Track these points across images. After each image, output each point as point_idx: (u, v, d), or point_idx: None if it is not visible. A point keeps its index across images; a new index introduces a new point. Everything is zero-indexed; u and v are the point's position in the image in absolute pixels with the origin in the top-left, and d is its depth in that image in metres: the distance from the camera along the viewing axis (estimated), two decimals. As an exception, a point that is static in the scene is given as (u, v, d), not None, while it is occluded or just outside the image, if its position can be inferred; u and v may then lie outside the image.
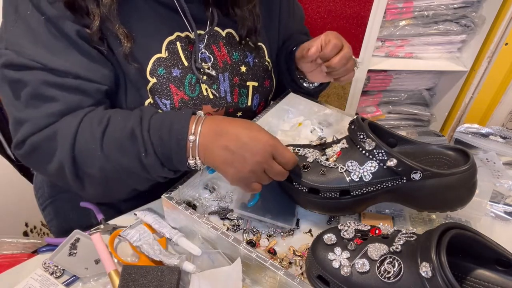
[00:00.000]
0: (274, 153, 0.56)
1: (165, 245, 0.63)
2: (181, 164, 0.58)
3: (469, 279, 0.52)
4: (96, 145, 0.56)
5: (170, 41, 0.68)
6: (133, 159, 0.56)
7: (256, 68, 0.80)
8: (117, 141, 0.57)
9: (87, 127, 0.58)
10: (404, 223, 0.67)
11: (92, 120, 0.58)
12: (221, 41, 0.75)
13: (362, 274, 0.50)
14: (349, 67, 0.74)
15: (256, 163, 0.54)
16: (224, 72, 0.75)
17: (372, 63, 1.48)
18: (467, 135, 0.87)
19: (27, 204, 1.16)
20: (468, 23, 1.44)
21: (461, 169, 0.58)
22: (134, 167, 0.57)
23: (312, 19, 1.32)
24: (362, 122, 0.62)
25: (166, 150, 0.56)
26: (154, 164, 0.57)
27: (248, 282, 0.58)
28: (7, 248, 0.73)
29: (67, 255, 0.60)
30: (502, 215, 0.71)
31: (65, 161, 0.57)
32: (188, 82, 0.70)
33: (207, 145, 0.56)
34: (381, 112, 1.69)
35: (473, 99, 1.59)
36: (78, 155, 0.57)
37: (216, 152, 0.56)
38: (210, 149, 0.56)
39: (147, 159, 0.56)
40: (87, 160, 0.58)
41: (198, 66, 0.70)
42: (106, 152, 0.57)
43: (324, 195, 0.61)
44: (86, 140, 0.57)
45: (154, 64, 0.66)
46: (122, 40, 0.61)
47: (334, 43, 0.70)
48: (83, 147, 0.57)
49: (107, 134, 0.57)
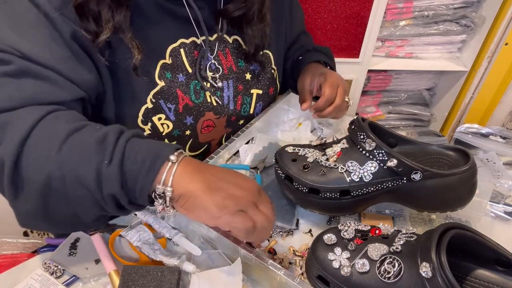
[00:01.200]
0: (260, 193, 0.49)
1: (165, 245, 0.63)
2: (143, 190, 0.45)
3: (469, 279, 0.52)
4: (53, 145, 0.45)
5: (173, 48, 0.67)
6: (91, 167, 0.44)
7: (261, 76, 0.80)
8: (82, 145, 0.46)
9: (50, 124, 0.47)
10: (404, 223, 0.67)
11: (59, 118, 0.49)
12: (227, 48, 0.75)
13: (362, 274, 0.50)
14: (340, 113, 0.81)
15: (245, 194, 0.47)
16: (229, 79, 0.75)
17: (372, 63, 1.48)
18: (467, 135, 0.87)
19: (27, 204, 1.16)
20: (468, 23, 1.44)
21: (461, 169, 0.58)
22: (88, 178, 0.44)
23: (312, 19, 1.32)
24: (362, 122, 0.62)
25: (134, 167, 0.45)
26: (112, 178, 0.44)
27: (248, 282, 0.58)
28: (7, 248, 0.72)
29: (67, 255, 0.60)
30: (502, 215, 0.71)
31: (7, 157, 0.44)
32: (193, 87, 0.69)
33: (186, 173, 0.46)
34: (381, 112, 1.69)
35: (473, 99, 1.59)
36: (26, 153, 0.45)
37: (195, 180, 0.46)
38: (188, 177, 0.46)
39: (108, 168, 0.44)
40: (34, 162, 0.45)
41: (203, 74, 0.70)
42: (62, 156, 0.45)
43: (324, 195, 0.61)
44: (43, 137, 0.46)
45: (161, 68, 0.66)
46: (133, 52, 0.59)
47: (327, 98, 0.76)
48: (35, 144, 0.45)
49: (75, 136, 0.46)
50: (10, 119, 0.46)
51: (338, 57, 1.42)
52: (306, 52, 0.90)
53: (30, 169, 0.45)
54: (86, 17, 0.56)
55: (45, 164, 0.45)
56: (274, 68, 0.83)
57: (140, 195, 0.45)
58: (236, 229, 0.46)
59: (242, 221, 0.46)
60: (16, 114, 0.47)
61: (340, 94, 0.77)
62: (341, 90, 0.78)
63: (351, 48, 1.41)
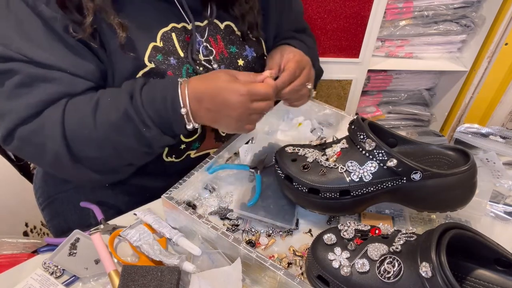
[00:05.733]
0: (250, 98, 0.59)
1: (165, 245, 0.63)
2: (181, 130, 0.62)
3: (469, 279, 0.52)
4: (89, 129, 0.59)
5: (165, 32, 0.67)
6: (132, 137, 0.60)
7: (254, 62, 0.79)
8: (113, 124, 0.59)
9: (73, 113, 0.59)
10: (404, 223, 0.67)
11: (78, 106, 0.60)
12: (218, 34, 0.74)
13: (362, 274, 0.50)
14: (299, 96, 0.75)
15: (238, 114, 0.59)
16: (221, 65, 0.74)
17: (372, 63, 1.48)
18: (467, 135, 0.88)
19: (27, 204, 1.16)
20: (468, 23, 1.44)
21: (461, 169, 0.58)
22: (134, 143, 0.61)
23: (312, 19, 1.32)
24: (362, 122, 0.62)
25: (165, 120, 0.60)
26: (156, 135, 0.61)
27: (248, 282, 0.58)
28: (7, 248, 0.73)
29: (67, 255, 0.60)
30: (502, 215, 0.71)
31: (60, 150, 0.59)
32: (185, 71, 0.69)
33: (195, 112, 0.61)
34: (381, 112, 1.69)
35: (473, 99, 1.59)
36: (72, 142, 0.59)
37: (204, 116, 0.61)
38: (198, 115, 0.61)
39: (149, 132, 0.60)
40: (83, 145, 0.60)
41: (194, 57, 0.70)
42: (103, 135, 0.59)
43: (324, 195, 0.61)
44: (77, 125, 0.59)
45: (152, 51, 0.66)
46: (117, 30, 0.61)
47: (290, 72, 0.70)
48: (75, 133, 0.59)
49: (99, 118, 0.59)
50: (41, 123, 0.59)
51: (338, 57, 1.43)
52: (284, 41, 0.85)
53: (81, 151, 0.60)
54: (68, 9, 0.59)
55: (91, 144, 0.60)
56: (266, 55, 0.82)
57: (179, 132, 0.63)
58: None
59: (248, 130, 0.64)
60: (43, 118, 0.59)
61: (303, 75, 0.73)
62: (306, 72, 0.73)
63: (351, 48, 1.41)
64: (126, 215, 0.69)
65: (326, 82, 1.50)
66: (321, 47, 1.39)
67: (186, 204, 0.61)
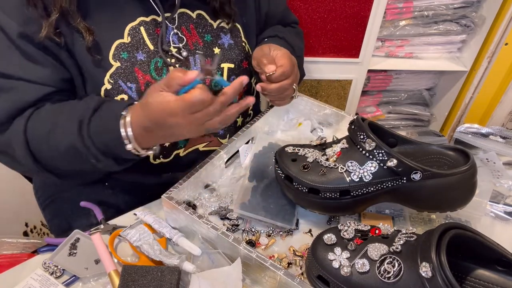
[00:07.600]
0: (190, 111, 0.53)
1: (165, 245, 0.63)
2: (135, 157, 0.61)
3: (469, 279, 0.52)
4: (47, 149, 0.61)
5: (132, 26, 0.66)
6: (86, 164, 0.61)
7: (232, 49, 0.77)
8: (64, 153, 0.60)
9: (32, 131, 0.61)
10: (404, 223, 0.67)
11: (36, 125, 0.61)
12: (191, 24, 0.73)
13: (362, 274, 0.50)
14: (284, 96, 0.73)
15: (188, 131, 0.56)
16: (196, 54, 0.73)
17: (372, 63, 1.48)
18: (467, 135, 0.88)
19: (27, 204, 1.16)
20: (468, 23, 1.44)
21: (461, 169, 0.58)
22: (89, 168, 0.63)
23: (312, 19, 1.32)
24: (362, 122, 0.62)
25: (115, 153, 0.60)
26: (109, 164, 0.61)
27: (248, 282, 0.58)
28: (7, 248, 0.73)
29: (67, 255, 0.60)
30: (502, 215, 0.71)
31: (27, 160, 0.61)
32: (154, 66, 0.68)
33: (147, 141, 0.59)
34: (381, 112, 1.69)
35: (473, 99, 1.59)
36: (35, 152, 0.61)
37: (157, 140, 0.60)
38: (151, 142, 0.60)
39: (101, 164, 0.61)
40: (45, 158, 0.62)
41: (165, 48, 0.69)
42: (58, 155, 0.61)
43: (324, 195, 0.61)
44: (36, 141, 0.61)
45: (116, 49, 0.65)
46: (84, 34, 0.61)
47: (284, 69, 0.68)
48: (36, 146, 0.61)
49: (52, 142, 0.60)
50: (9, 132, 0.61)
51: (338, 57, 1.42)
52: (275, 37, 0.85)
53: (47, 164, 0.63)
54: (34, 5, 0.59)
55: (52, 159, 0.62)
56: (245, 41, 0.80)
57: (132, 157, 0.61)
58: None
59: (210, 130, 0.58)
60: (12, 128, 0.61)
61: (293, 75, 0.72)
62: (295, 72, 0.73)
63: (351, 48, 1.41)
64: (126, 215, 0.69)
65: (326, 82, 1.49)
66: (321, 47, 1.39)
67: (186, 204, 0.61)
